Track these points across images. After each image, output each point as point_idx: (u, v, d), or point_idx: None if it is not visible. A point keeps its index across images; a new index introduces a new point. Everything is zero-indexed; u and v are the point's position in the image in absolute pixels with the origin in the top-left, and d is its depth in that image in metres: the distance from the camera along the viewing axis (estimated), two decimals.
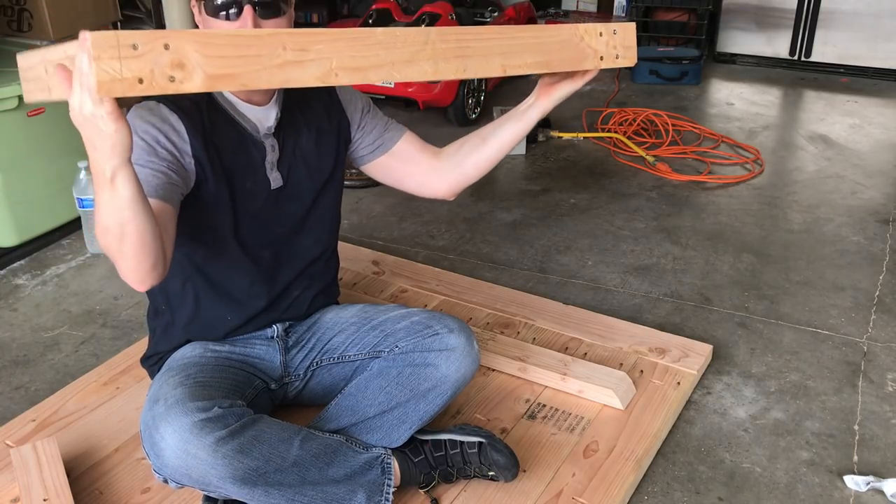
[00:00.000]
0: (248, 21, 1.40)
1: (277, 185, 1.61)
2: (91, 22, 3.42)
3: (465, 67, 1.22)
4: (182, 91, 0.99)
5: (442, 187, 1.75)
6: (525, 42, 1.30)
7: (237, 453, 1.38)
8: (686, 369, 2.05)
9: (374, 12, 4.22)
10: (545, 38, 1.33)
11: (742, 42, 5.20)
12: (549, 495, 1.65)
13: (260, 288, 1.67)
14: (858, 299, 2.49)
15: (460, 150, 1.70)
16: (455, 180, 1.72)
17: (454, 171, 1.71)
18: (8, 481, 1.66)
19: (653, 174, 3.46)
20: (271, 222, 1.63)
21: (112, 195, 1.18)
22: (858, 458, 1.84)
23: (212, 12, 1.42)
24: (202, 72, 1.00)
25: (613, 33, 1.42)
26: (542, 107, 1.56)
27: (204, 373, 1.55)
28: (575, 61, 1.38)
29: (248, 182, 1.57)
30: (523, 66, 1.30)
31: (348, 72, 1.11)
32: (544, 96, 1.55)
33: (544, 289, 2.55)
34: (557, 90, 1.52)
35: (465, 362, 1.61)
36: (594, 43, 1.39)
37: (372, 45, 1.13)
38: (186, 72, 0.99)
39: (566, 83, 1.51)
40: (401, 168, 1.75)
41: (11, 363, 2.20)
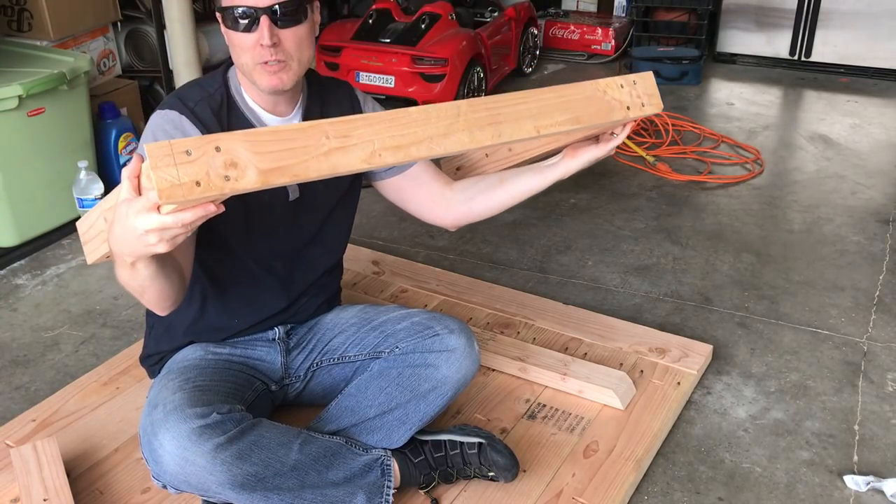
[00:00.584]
0: (265, 31, 1.39)
1: (294, 197, 1.60)
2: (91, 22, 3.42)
3: (499, 133, 1.25)
4: (238, 189, 1.03)
5: (447, 218, 1.73)
6: (551, 102, 1.32)
7: (236, 459, 1.38)
8: (686, 369, 2.05)
9: (374, 12, 4.22)
10: (569, 95, 1.35)
11: (742, 42, 5.20)
12: (549, 495, 1.65)
13: (268, 296, 1.67)
14: (858, 299, 2.49)
15: (474, 186, 1.67)
16: (462, 213, 1.70)
17: (463, 205, 1.69)
18: (8, 481, 1.66)
19: (653, 174, 3.46)
20: (285, 234, 1.63)
21: (132, 273, 1.22)
22: (858, 458, 1.84)
23: (231, 26, 1.42)
24: (254, 168, 1.03)
25: (633, 84, 1.44)
26: (565, 168, 1.54)
27: (204, 376, 1.55)
28: (604, 114, 1.39)
29: (266, 195, 1.56)
30: (555, 125, 1.31)
31: (390, 151, 1.14)
32: (569, 157, 1.54)
33: (544, 289, 2.55)
34: (583, 154, 1.52)
35: (466, 363, 1.61)
36: (617, 95, 1.41)
37: (408, 124, 1.16)
38: (240, 170, 1.02)
39: (591, 148, 1.51)
40: (411, 191, 1.72)
41: (11, 363, 2.20)
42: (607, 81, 1.41)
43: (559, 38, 5.36)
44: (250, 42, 1.41)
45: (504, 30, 4.54)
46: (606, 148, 1.50)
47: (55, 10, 3.17)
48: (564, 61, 5.30)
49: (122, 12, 3.60)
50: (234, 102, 1.53)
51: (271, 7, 1.39)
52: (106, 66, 3.57)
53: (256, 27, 1.40)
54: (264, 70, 1.44)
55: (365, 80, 4.02)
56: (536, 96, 1.31)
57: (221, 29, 1.47)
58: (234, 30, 1.42)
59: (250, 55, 1.43)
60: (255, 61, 1.43)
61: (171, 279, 1.30)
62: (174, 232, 1.07)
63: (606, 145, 1.50)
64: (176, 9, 3.34)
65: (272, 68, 1.43)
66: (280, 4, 1.39)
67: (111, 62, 3.61)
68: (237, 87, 1.54)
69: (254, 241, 1.60)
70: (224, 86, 1.54)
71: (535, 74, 4.98)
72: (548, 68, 5.16)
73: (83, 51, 3.35)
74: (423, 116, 1.17)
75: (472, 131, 1.22)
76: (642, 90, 1.45)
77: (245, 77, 1.50)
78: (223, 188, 1.01)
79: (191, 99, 1.50)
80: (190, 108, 1.48)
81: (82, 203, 2.76)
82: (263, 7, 1.39)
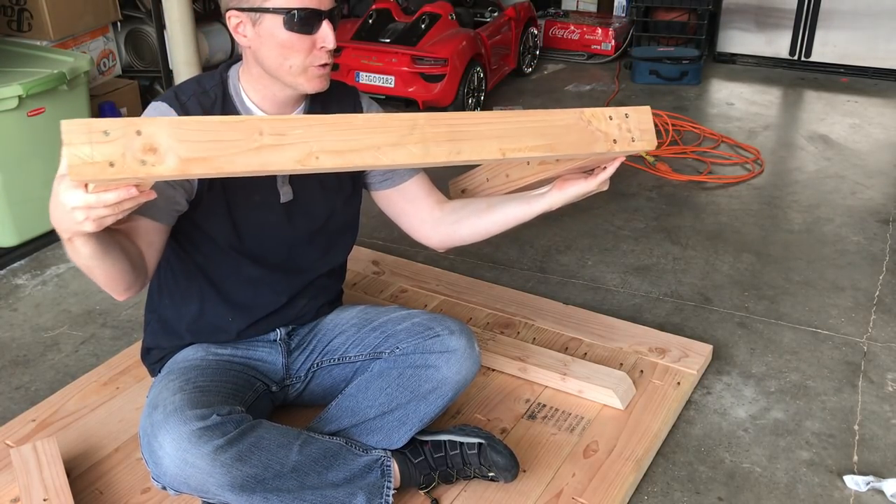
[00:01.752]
0: (330, 34, 1.40)
1: (287, 199, 1.60)
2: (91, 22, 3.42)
3: (458, 151, 1.19)
4: (155, 175, 1.02)
5: (433, 238, 1.70)
6: (524, 125, 1.25)
7: (235, 461, 1.38)
8: (686, 369, 2.05)
9: (374, 12, 4.22)
10: (547, 121, 1.28)
11: (742, 42, 5.20)
12: (549, 495, 1.65)
13: (265, 296, 1.67)
14: (858, 299, 2.49)
15: (463, 210, 1.65)
16: (447, 235, 1.68)
17: (449, 227, 1.66)
18: (8, 481, 1.66)
19: (653, 174, 3.46)
20: (281, 235, 1.63)
21: (72, 249, 1.23)
22: (858, 458, 1.84)
23: (290, 27, 1.39)
24: (175, 155, 1.02)
25: (626, 117, 1.35)
26: (553, 199, 1.49)
27: (204, 377, 1.55)
28: (584, 144, 1.31)
29: (257, 195, 1.56)
30: (524, 149, 1.25)
31: (330, 155, 1.11)
32: (557, 189, 1.48)
33: (544, 289, 2.55)
34: (570, 187, 1.46)
35: (466, 364, 1.61)
36: (603, 126, 1.33)
37: (352, 130, 1.13)
38: (158, 156, 1.01)
39: (579, 182, 1.45)
40: (401, 205, 1.71)
41: (11, 363, 2.20)
42: (594, 111, 1.33)
43: (559, 38, 5.36)
44: (307, 44, 1.40)
45: (504, 30, 4.54)
46: (595, 182, 1.44)
47: (55, 10, 3.18)
48: (564, 61, 5.30)
49: (122, 12, 3.61)
50: (229, 101, 1.52)
51: (332, 10, 1.40)
52: (106, 66, 3.57)
53: (317, 30, 1.39)
54: (316, 73, 1.44)
55: (365, 80, 4.02)
56: (508, 117, 1.25)
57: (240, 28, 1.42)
58: (293, 31, 1.39)
59: (304, 57, 1.41)
60: (310, 63, 1.42)
61: (118, 264, 1.30)
62: (99, 212, 1.07)
63: (595, 179, 1.44)
64: (176, 9, 3.34)
65: (325, 70, 1.44)
66: (336, 7, 1.41)
67: (111, 62, 3.62)
68: (235, 86, 1.53)
69: (246, 240, 1.59)
70: (221, 84, 1.53)
71: (534, 74, 4.98)
72: (548, 68, 5.16)
73: (83, 51, 3.35)
74: (369, 124, 1.14)
75: (427, 145, 1.17)
76: (635, 124, 1.36)
77: (276, 79, 1.47)
78: (137, 172, 1.00)
79: (185, 93, 1.50)
80: (182, 103, 1.48)
81: None
82: (327, 10, 1.39)
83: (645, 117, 1.38)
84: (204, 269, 1.61)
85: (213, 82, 1.53)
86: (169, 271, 1.65)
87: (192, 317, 1.65)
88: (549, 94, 4.60)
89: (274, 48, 1.41)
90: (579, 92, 4.67)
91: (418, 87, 3.95)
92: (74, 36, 3.35)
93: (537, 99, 4.50)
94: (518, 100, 4.48)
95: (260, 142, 1.07)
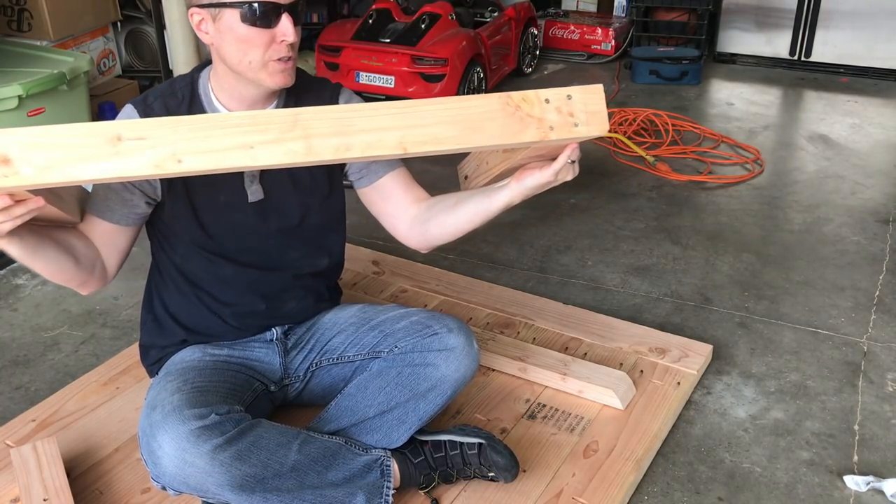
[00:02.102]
0: (290, 28, 1.38)
1: (256, 199, 1.58)
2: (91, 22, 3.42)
3: (347, 146, 1.10)
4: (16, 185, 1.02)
5: (410, 238, 1.65)
6: (433, 114, 1.13)
7: (234, 460, 1.38)
8: (686, 369, 2.05)
9: (374, 12, 4.22)
10: (462, 109, 1.14)
11: (742, 42, 5.20)
12: (549, 495, 1.65)
13: (247, 296, 1.66)
14: (858, 299, 2.49)
15: (433, 208, 1.58)
16: (421, 235, 1.62)
17: (422, 227, 1.60)
18: (8, 481, 1.66)
19: (653, 174, 3.46)
20: (255, 235, 1.62)
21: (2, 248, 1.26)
22: (858, 458, 1.84)
23: (247, 20, 1.37)
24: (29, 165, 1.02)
25: (568, 99, 1.19)
26: (512, 192, 1.39)
27: (202, 377, 1.55)
28: (510, 134, 1.16)
29: (222, 196, 1.56)
30: (432, 142, 1.13)
31: (196, 155, 1.05)
32: (515, 181, 1.38)
33: (544, 289, 2.55)
34: (526, 178, 1.36)
35: (465, 362, 1.61)
36: (536, 111, 1.17)
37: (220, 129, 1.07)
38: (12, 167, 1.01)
39: (534, 172, 1.34)
40: (379, 204, 1.66)
41: (11, 363, 2.20)
42: (526, 94, 1.18)
43: (559, 38, 5.36)
44: (266, 38, 1.39)
45: (504, 30, 4.54)
46: (549, 173, 1.32)
47: (55, 10, 3.18)
48: (564, 61, 5.30)
49: (122, 12, 3.61)
50: (197, 101, 1.51)
51: (293, 4, 1.39)
52: (106, 66, 3.58)
53: (276, 23, 1.38)
54: (277, 67, 1.42)
55: (365, 80, 4.02)
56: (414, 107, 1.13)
57: (202, 25, 1.42)
58: (253, 25, 1.37)
59: (263, 52, 1.40)
60: (270, 58, 1.40)
61: (55, 263, 1.36)
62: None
63: (549, 170, 1.31)
64: (176, 9, 3.34)
65: (287, 65, 1.42)
66: (300, 1, 1.40)
67: (111, 62, 3.62)
68: (205, 86, 1.52)
69: (218, 241, 1.59)
70: (190, 85, 1.52)
71: (534, 74, 4.98)
72: (548, 68, 5.16)
73: (83, 51, 3.35)
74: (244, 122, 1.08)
75: (311, 141, 1.09)
76: (581, 107, 1.19)
77: (239, 76, 1.45)
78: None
79: (153, 95, 1.51)
80: (148, 104, 1.48)
81: None
82: (286, 3, 1.38)
83: (594, 97, 1.21)
84: (182, 270, 1.63)
85: (183, 83, 1.53)
86: (157, 271, 1.68)
87: (182, 315, 1.66)
88: None
89: (233, 43, 1.40)
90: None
91: (418, 87, 3.95)
92: (74, 36, 3.35)
93: None
94: None
95: (118, 146, 1.04)
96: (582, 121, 1.20)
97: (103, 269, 1.49)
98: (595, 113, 1.20)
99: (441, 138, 1.14)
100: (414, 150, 1.13)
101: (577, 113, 1.20)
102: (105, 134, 1.04)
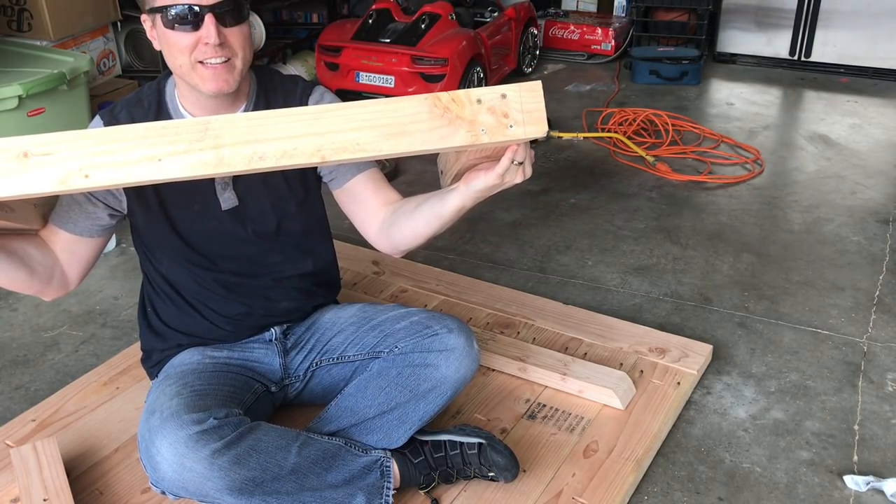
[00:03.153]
0: (212, 29, 1.34)
1: (230, 206, 1.57)
2: (91, 22, 3.42)
3: (260, 155, 1.04)
4: None
5: (379, 242, 1.61)
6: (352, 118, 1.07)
7: (233, 464, 1.38)
8: (686, 369, 2.05)
9: (374, 12, 4.22)
10: (387, 111, 1.07)
11: (742, 42, 5.20)
12: (549, 495, 1.65)
13: (234, 300, 1.66)
14: (858, 299, 2.49)
15: (397, 211, 1.54)
16: (387, 239, 1.58)
17: (388, 231, 1.57)
18: (8, 481, 1.66)
19: (653, 174, 3.46)
20: (233, 241, 1.61)
21: None
22: (858, 458, 1.84)
23: (170, 25, 1.35)
24: None
25: (503, 97, 1.10)
26: (461, 196, 1.33)
27: (202, 380, 1.55)
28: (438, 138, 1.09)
29: (196, 204, 1.55)
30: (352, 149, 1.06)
31: (102, 168, 1.02)
32: (462, 184, 1.31)
33: (544, 289, 2.55)
34: (473, 181, 1.28)
35: (465, 363, 1.61)
36: (467, 113, 1.09)
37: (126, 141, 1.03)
38: None
39: (479, 175, 1.27)
40: (350, 206, 1.63)
41: (11, 363, 2.20)
42: (456, 94, 1.10)
43: (559, 38, 5.36)
44: (190, 41, 1.35)
45: (504, 30, 4.55)
46: (493, 176, 1.24)
47: (55, 10, 3.18)
48: (564, 61, 5.30)
49: (122, 12, 3.61)
50: (164, 109, 1.50)
51: (218, 5, 1.34)
52: (106, 66, 3.58)
53: (200, 26, 1.35)
54: (206, 73, 1.38)
55: (365, 80, 4.02)
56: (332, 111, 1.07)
57: (149, 33, 1.41)
58: (173, 29, 1.35)
59: (188, 55, 1.37)
60: (196, 60, 1.37)
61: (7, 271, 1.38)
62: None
63: (492, 172, 1.24)
64: None
65: (218, 68, 1.38)
66: (225, 2, 1.35)
67: (111, 62, 3.62)
68: (171, 93, 1.51)
69: (198, 250, 1.59)
70: (157, 92, 1.51)
71: (534, 74, 4.98)
72: (548, 68, 5.16)
73: (83, 51, 3.35)
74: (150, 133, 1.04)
75: (221, 151, 1.04)
76: (517, 106, 1.10)
77: (184, 82, 1.43)
78: None
79: (121, 104, 1.50)
80: (114, 115, 1.48)
81: None
82: (209, 4, 1.34)
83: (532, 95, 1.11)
84: (169, 280, 1.63)
85: (150, 91, 1.53)
86: (147, 282, 1.69)
87: (176, 323, 1.67)
88: (548, 94, 4.59)
89: (165, 47, 1.40)
90: (579, 92, 4.67)
91: (418, 87, 3.95)
92: (74, 36, 3.35)
93: None
94: None
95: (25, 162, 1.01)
96: (517, 121, 1.11)
97: (63, 278, 1.50)
98: (532, 112, 1.11)
99: (362, 144, 1.07)
100: (333, 157, 1.07)
101: (513, 113, 1.11)
102: (14, 150, 1.01)
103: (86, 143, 1.01)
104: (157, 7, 1.36)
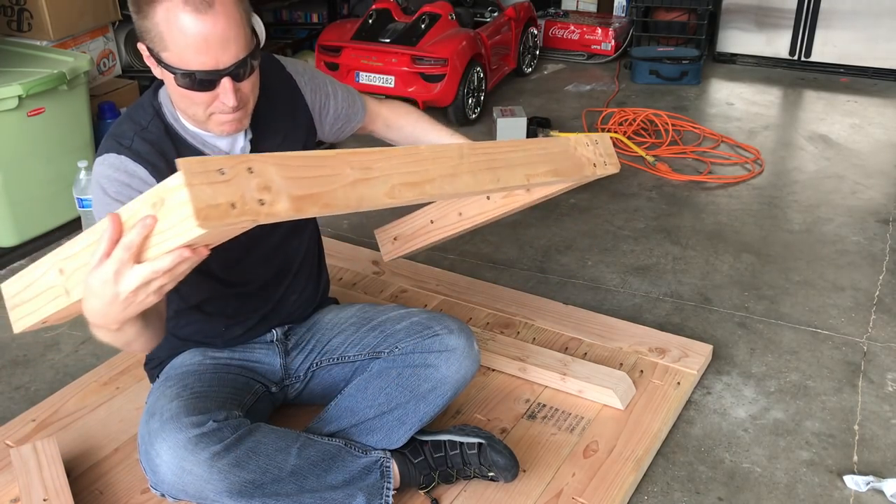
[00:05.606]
0: (230, 94, 1.31)
1: None
2: (91, 22, 3.42)
3: (497, 178, 1.25)
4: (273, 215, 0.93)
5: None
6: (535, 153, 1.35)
7: (233, 467, 1.38)
8: (686, 369, 2.05)
9: (374, 12, 4.22)
10: (549, 148, 1.38)
11: (742, 42, 5.20)
12: (549, 495, 1.65)
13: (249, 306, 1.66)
14: (858, 299, 2.49)
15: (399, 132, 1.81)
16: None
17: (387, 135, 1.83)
18: (8, 481, 1.66)
19: (653, 174, 3.46)
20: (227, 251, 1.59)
21: (117, 335, 1.18)
22: (858, 458, 1.84)
23: (185, 85, 1.31)
24: (287, 194, 0.95)
25: (596, 143, 1.50)
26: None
27: (202, 382, 1.55)
28: (576, 169, 1.42)
29: None
30: (540, 175, 1.34)
31: (408, 187, 1.10)
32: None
33: (544, 289, 2.55)
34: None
35: (466, 363, 1.61)
36: (586, 152, 1.45)
37: (421, 161, 1.14)
38: (273, 194, 0.94)
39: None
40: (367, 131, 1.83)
41: (11, 363, 2.20)
42: (578, 138, 1.44)
43: (559, 38, 5.36)
44: (207, 98, 1.34)
45: (504, 30, 4.54)
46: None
47: (55, 10, 3.17)
48: (564, 61, 5.30)
49: (122, 12, 3.60)
50: (174, 132, 1.45)
51: (233, 67, 1.30)
52: (106, 66, 3.57)
53: (216, 86, 1.32)
54: (222, 119, 1.37)
55: (365, 80, 4.02)
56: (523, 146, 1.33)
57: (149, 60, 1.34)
58: (189, 89, 1.32)
59: (205, 109, 1.35)
60: (214, 111, 1.36)
61: (154, 325, 1.27)
62: (158, 283, 1.02)
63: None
64: None
65: (234, 115, 1.37)
66: (240, 62, 1.31)
67: (111, 62, 3.61)
68: (172, 113, 1.46)
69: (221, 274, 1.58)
70: (156, 115, 1.45)
71: (534, 74, 4.98)
72: (547, 68, 5.16)
73: (83, 51, 3.35)
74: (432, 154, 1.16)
75: (475, 174, 1.21)
76: (604, 149, 1.51)
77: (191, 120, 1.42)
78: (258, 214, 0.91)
79: (125, 137, 1.42)
80: (127, 147, 1.40)
81: (82, 203, 2.76)
82: (225, 68, 1.30)
83: (607, 142, 1.54)
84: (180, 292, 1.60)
85: (147, 116, 1.45)
86: None
87: (184, 332, 1.66)
88: (549, 95, 4.60)
89: (174, 94, 1.37)
90: (579, 92, 4.66)
91: (418, 87, 3.94)
92: (74, 36, 3.35)
93: (537, 99, 4.50)
94: (518, 100, 4.47)
95: (353, 176, 1.02)
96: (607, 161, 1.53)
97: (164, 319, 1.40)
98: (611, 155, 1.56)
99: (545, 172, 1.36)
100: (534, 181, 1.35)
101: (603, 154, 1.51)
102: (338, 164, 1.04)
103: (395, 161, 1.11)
104: (164, 65, 1.30)
